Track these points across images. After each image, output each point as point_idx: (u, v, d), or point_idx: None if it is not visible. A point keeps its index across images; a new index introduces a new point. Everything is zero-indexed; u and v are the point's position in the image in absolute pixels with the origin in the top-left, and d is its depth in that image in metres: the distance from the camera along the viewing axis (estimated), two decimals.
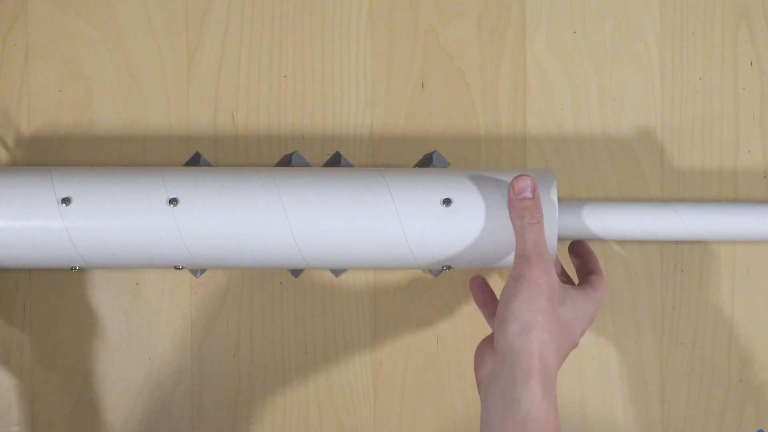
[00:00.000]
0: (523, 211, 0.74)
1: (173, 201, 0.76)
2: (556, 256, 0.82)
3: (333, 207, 0.77)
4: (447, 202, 0.76)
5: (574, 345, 0.74)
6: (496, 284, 0.86)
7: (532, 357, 0.70)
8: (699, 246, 0.86)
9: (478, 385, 0.74)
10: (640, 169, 0.86)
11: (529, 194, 0.74)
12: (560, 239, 0.81)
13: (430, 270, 0.86)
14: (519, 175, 0.75)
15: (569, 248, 0.83)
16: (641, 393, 0.86)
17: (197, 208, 0.76)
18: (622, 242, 0.86)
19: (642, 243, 0.86)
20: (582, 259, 0.81)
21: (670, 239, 0.81)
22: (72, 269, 0.80)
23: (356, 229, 0.76)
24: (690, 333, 0.86)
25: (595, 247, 0.85)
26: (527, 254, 0.72)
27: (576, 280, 0.81)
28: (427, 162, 0.86)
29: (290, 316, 0.87)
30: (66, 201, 0.76)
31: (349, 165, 0.86)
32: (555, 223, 0.76)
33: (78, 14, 0.86)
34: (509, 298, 0.72)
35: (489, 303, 0.81)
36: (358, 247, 0.77)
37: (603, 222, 0.80)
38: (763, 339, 0.86)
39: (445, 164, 0.85)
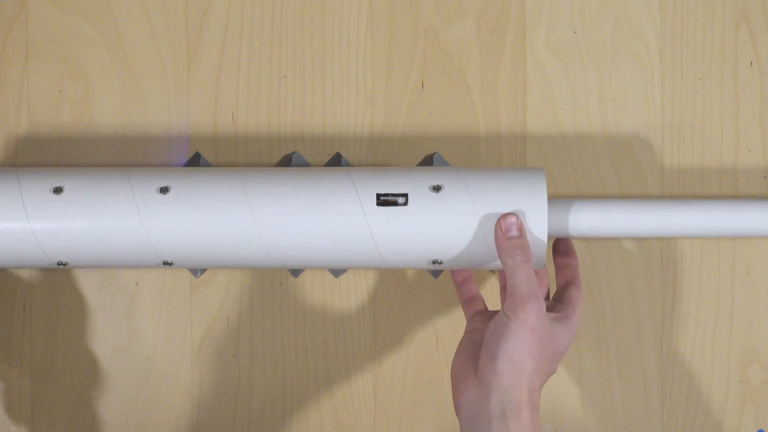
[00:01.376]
0: (513, 251, 0.74)
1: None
2: (545, 266, 0.81)
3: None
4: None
5: (554, 372, 0.76)
6: (487, 280, 0.86)
7: (521, 394, 0.72)
8: (699, 245, 0.86)
9: (458, 411, 0.74)
10: (640, 168, 0.86)
11: (516, 232, 0.74)
12: (550, 237, 0.81)
13: (429, 270, 0.86)
14: (505, 214, 0.75)
15: (553, 245, 0.83)
16: (641, 393, 0.86)
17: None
18: (621, 241, 0.86)
19: (642, 243, 0.86)
20: (564, 261, 0.82)
21: (665, 237, 0.81)
22: (59, 264, 0.79)
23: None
24: (690, 333, 0.86)
25: (594, 246, 0.85)
26: (521, 294, 0.73)
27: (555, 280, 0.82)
28: (427, 163, 0.86)
29: (290, 316, 0.87)
30: (58, 190, 0.77)
31: (349, 165, 0.86)
32: (544, 223, 0.76)
33: (78, 14, 0.86)
34: (501, 336, 0.72)
35: (473, 300, 0.82)
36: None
37: (598, 220, 0.80)
38: (763, 339, 0.86)
39: (445, 166, 0.85)
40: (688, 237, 0.80)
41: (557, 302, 0.79)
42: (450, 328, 0.87)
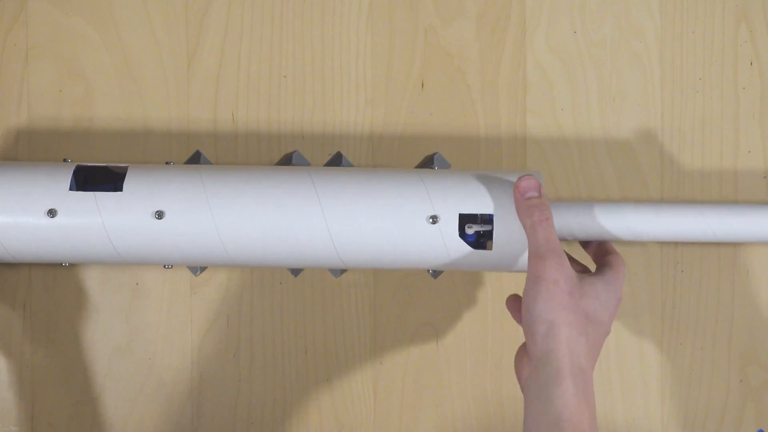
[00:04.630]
0: (531, 210, 0.73)
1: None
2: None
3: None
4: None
5: (607, 333, 0.73)
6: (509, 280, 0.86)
7: (560, 356, 0.69)
8: (699, 246, 0.86)
9: (522, 390, 0.72)
10: (640, 169, 0.86)
11: (534, 193, 0.74)
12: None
13: (429, 271, 0.86)
14: (523, 176, 0.74)
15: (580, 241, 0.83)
16: (641, 393, 0.86)
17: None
18: (621, 242, 0.86)
19: (642, 243, 0.86)
20: (594, 245, 0.81)
21: (666, 240, 0.81)
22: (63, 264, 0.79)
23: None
24: (690, 333, 0.86)
25: None
26: (540, 252, 0.71)
27: (593, 267, 0.81)
28: (428, 163, 0.86)
29: (290, 316, 0.87)
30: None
31: (349, 165, 0.86)
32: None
33: (78, 14, 0.86)
34: (530, 301, 0.71)
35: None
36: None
37: (598, 222, 0.80)
38: (763, 339, 0.86)
39: (446, 166, 0.85)
40: (688, 241, 0.80)
41: (597, 269, 0.77)
42: (450, 328, 0.87)
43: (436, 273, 0.86)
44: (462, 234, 0.76)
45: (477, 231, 0.76)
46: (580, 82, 0.86)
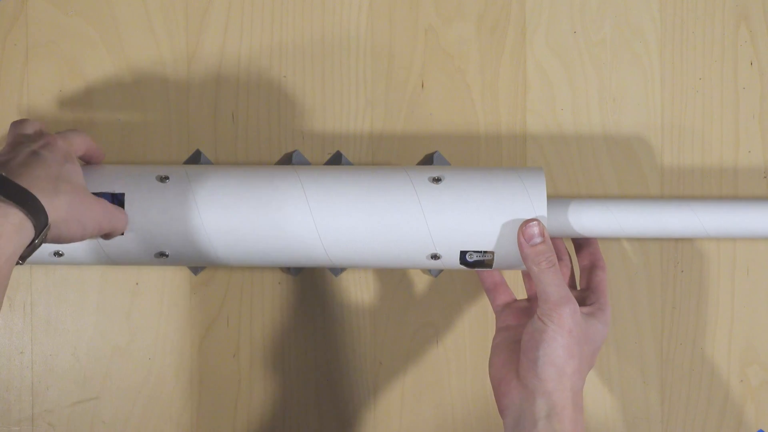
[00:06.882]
0: (538, 257, 0.74)
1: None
2: (569, 258, 0.82)
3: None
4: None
5: (593, 366, 0.77)
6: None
7: (565, 396, 0.72)
8: (699, 246, 0.86)
9: (501, 411, 0.75)
10: (640, 168, 0.86)
11: (539, 239, 0.74)
12: (551, 237, 0.81)
13: (429, 270, 0.86)
14: (527, 221, 0.75)
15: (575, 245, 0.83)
16: (641, 393, 0.86)
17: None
18: (621, 241, 0.86)
19: (642, 243, 0.86)
20: (583, 240, 0.82)
21: (665, 237, 0.81)
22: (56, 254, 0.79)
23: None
24: (690, 333, 0.86)
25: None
26: (553, 299, 0.73)
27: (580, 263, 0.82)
28: (427, 162, 0.86)
29: (290, 316, 0.87)
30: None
31: (349, 164, 0.86)
32: (544, 222, 0.76)
33: (78, 14, 0.86)
34: (540, 343, 0.73)
35: (497, 287, 0.82)
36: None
37: (597, 220, 0.80)
38: (763, 339, 0.86)
39: (445, 164, 0.85)
40: (688, 238, 0.80)
41: (586, 290, 0.80)
42: (450, 328, 0.87)
43: (435, 272, 0.86)
44: (463, 260, 0.77)
45: (478, 260, 0.77)
46: (580, 82, 0.86)
